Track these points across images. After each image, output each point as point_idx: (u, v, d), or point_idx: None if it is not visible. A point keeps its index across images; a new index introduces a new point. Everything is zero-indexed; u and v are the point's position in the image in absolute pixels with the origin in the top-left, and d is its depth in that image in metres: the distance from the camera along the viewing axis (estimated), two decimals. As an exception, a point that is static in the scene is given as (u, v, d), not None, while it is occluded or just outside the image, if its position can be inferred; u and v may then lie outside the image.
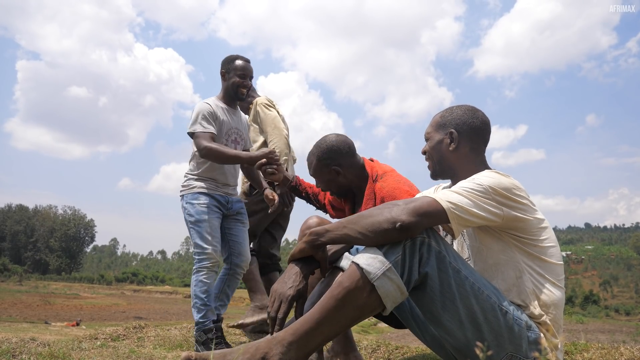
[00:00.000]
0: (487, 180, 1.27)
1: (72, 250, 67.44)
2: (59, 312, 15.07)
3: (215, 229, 2.55)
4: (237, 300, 28.38)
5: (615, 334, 6.77)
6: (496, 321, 1.21)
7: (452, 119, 1.48)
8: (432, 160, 1.52)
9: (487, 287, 1.23)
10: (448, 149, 1.47)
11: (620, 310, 51.30)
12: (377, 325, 9.12)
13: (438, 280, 1.19)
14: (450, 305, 1.20)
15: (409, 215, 1.18)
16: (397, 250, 1.18)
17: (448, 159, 1.48)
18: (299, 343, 1.16)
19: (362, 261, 1.18)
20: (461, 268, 1.22)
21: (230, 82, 2.70)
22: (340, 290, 1.16)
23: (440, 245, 1.22)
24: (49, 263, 64.08)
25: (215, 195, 2.63)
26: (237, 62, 2.71)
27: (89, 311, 16.50)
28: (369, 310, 1.18)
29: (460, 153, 1.46)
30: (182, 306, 21.17)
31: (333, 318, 1.16)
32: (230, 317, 10.15)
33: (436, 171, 1.52)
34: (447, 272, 1.20)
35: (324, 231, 1.28)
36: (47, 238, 65.93)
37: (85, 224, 70.58)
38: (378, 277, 1.15)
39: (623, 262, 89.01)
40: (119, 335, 3.00)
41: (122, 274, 57.95)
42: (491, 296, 1.22)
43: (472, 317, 1.20)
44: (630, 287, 76.99)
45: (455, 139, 1.46)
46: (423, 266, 1.19)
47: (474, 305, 1.20)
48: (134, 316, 14.31)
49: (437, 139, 1.50)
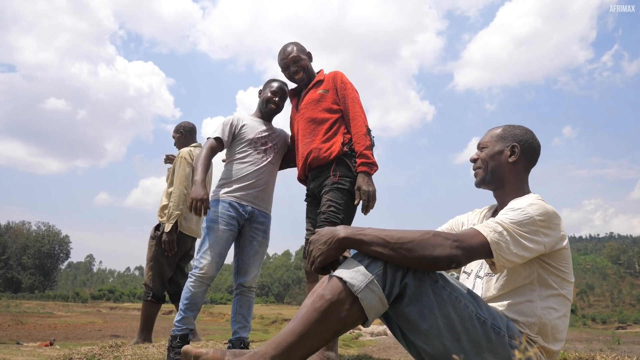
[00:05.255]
0: (534, 210, 1.31)
1: (46, 267, 65.45)
2: (31, 332, 14.55)
3: (220, 241, 2.51)
4: (217, 316, 27.93)
5: (592, 342, 6.89)
6: (474, 330, 1.23)
7: (514, 135, 1.54)
8: (484, 168, 1.55)
9: (464, 296, 1.26)
10: (507, 160, 1.51)
11: (596, 319, 52.30)
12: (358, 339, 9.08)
13: (416, 289, 1.22)
14: (429, 314, 1.22)
15: (465, 256, 1.23)
16: (379, 264, 1.21)
17: (503, 170, 1.52)
18: (282, 357, 1.16)
19: (345, 275, 1.20)
20: (438, 277, 1.25)
21: (263, 97, 2.80)
22: (323, 303, 1.18)
23: None
24: (22, 281, 62.00)
25: (235, 203, 2.58)
26: (274, 83, 2.82)
27: (64, 330, 15.97)
28: (351, 322, 1.20)
29: (516, 168, 1.51)
30: (161, 323, 20.64)
31: (316, 330, 1.17)
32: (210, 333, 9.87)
33: (485, 179, 1.55)
34: (425, 282, 1.23)
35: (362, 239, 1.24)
36: (20, 255, 63.86)
37: (60, 240, 68.68)
38: (361, 289, 1.17)
39: (598, 272, 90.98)
40: (95, 354, 2.91)
41: (98, 291, 56.51)
42: (469, 305, 1.25)
43: (451, 325, 1.22)
44: (606, 295, 78.70)
45: (517, 153, 1.51)
46: (403, 277, 1.22)
47: (451, 314, 1.22)
48: (110, 334, 13.90)
49: (497, 149, 1.54)
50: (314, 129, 2.48)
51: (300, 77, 2.61)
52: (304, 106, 2.55)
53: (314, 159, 2.44)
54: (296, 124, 2.61)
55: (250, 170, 2.64)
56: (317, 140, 2.45)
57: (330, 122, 2.46)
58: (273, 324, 28.90)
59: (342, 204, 2.34)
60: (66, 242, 69.43)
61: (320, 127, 2.47)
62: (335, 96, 2.51)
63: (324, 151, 2.41)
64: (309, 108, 2.52)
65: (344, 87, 2.50)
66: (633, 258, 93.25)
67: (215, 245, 2.50)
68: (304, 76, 2.61)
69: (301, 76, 2.60)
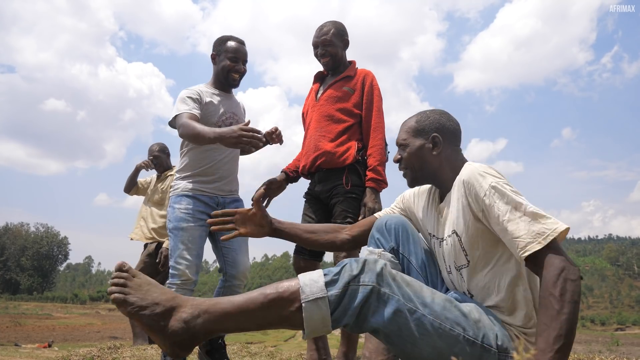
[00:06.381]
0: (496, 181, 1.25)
1: (45, 269, 65.28)
2: (30, 334, 14.50)
3: (193, 241, 2.25)
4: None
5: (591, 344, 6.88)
6: (464, 353, 1.16)
7: (430, 123, 1.46)
8: (411, 168, 1.47)
9: (448, 320, 1.17)
10: (431, 154, 1.43)
11: (595, 320, 52.26)
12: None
13: (392, 327, 1.14)
14: (411, 347, 1.15)
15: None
16: (339, 286, 1.14)
17: (431, 164, 1.44)
18: (211, 317, 1.14)
19: (306, 278, 1.16)
20: (417, 307, 1.16)
21: (221, 65, 2.40)
22: (273, 293, 1.15)
23: (392, 288, 1.16)
24: (20, 282, 61.84)
25: (202, 197, 2.32)
26: (229, 43, 2.39)
27: (62, 332, 15.93)
28: (289, 324, 1.16)
29: (443, 156, 1.44)
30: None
31: (253, 313, 1.14)
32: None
33: (417, 178, 1.48)
34: (401, 316, 1.14)
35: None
36: (18, 257, 63.69)
37: (59, 241, 68.52)
38: (309, 300, 1.13)
39: (597, 273, 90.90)
40: (93, 356, 2.91)
41: (97, 293, 56.36)
42: (454, 328, 1.17)
43: (439, 353, 1.15)
44: (605, 297, 78.66)
45: (439, 143, 1.43)
46: (372, 316, 1.15)
47: (437, 342, 1.15)
48: (109, 336, 13.86)
49: (417, 145, 1.45)
50: (327, 125, 2.41)
51: (326, 62, 2.50)
52: (324, 99, 2.47)
53: (325, 161, 2.38)
54: (311, 113, 2.53)
55: (215, 159, 2.36)
56: (329, 140, 2.39)
57: (346, 125, 2.40)
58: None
59: (357, 215, 2.32)
60: (65, 243, 69.30)
61: (335, 126, 2.40)
62: (359, 99, 2.42)
63: (337, 156, 2.36)
64: (329, 103, 2.45)
65: (371, 92, 2.43)
66: (632, 260, 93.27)
67: (190, 245, 2.24)
68: (330, 62, 2.49)
69: (327, 61, 2.49)
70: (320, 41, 2.48)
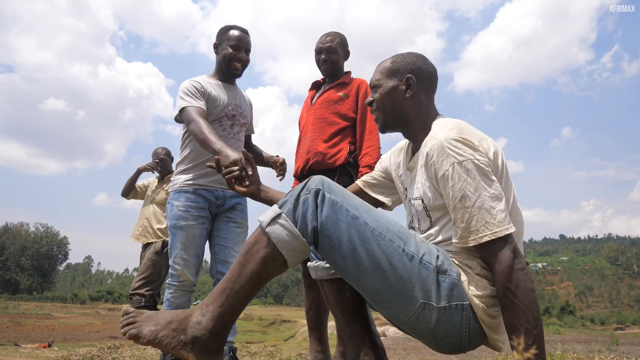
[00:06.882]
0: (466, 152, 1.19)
1: (44, 268, 65.25)
2: (29, 333, 14.52)
3: (193, 240, 2.20)
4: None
5: (591, 343, 6.88)
6: (402, 266, 1.16)
7: (405, 65, 1.39)
8: (382, 110, 1.41)
9: (390, 232, 1.19)
10: (404, 96, 1.38)
11: (595, 320, 52.29)
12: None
13: (335, 229, 1.17)
14: (352, 253, 1.16)
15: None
16: (291, 201, 1.20)
17: (403, 107, 1.38)
18: (215, 304, 1.18)
19: (262, 216, 1.21)
20: (361, 215, 1.19)
21: (222, 54, 2.34)
22: (244, 247, 1.21)
23: (336, 194, 1.20)
24: (20, 282, 61.82)
25: (201, 191, 2.24)
26: (231, 31, 2.34)
27: (62, 331, 15.94)
28: (270, 261, 1.17)
29: (416, 100, 1.38)
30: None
31: (243, 275, 1.17)
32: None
33: (388, 122, 1.42)
34: (344, 221, 1.18)
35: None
36: (18, 256, 63.68)
37: (59, 241, 68.48)
38: (268, 223, 1.17)
39: (597, 273, 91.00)
40: (93, 356, 2.91)
41: (97, 293, 56.31)
42: (395, 240, 1.18)
43: (376, 263, 1.16)
44: (605, 297, 78.76)
45: (413, 85, 1.37)
46: (319, 215, 1.18)
47: (375, 251, 1.16)
48: (108, 336, 13.87)
49: (390, 86, 1.39)
50: (321, 127, 2.45)
51: (326, 68, 2.56)
52: (319, 103, 2.52)
53: (317, 162, 2.40)
54: (306, 117, 2.57)
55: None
56: (322, 141, 2.42)
57: (339, 127, 2.43)
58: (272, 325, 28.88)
59: None
60: (65, 243, 69.29)
61: (328, 128, 2.44)
62: (354, 104, 2.47)
63: (329, 157, 2.38)
64: (324, 106, 2.49)
65: (366, 97, 2.42)
66: (632, 259, 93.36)
67: (188, 245, 2.19)
68: (329, 69, 2.55)
69: (327, 67, 2.55)
70: (325, 47, 2.53)
